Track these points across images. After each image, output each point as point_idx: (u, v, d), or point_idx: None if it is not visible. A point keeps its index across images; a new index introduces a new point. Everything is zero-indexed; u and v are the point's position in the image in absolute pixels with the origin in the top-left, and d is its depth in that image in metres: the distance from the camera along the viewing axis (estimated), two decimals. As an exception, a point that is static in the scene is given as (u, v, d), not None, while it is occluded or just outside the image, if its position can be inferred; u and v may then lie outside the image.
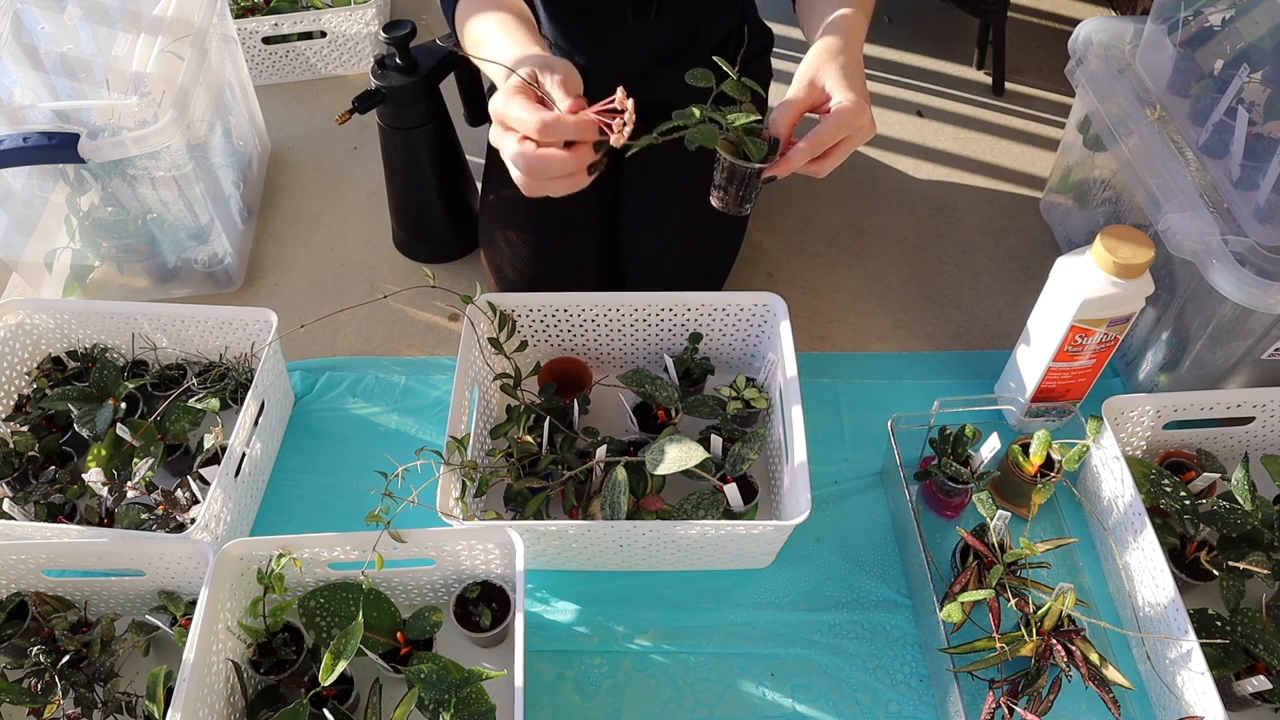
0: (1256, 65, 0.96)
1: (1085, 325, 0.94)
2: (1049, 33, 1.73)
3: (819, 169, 0.81)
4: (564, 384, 1.08)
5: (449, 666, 0.79)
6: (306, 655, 0.87)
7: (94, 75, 1.17)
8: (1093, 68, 1.13)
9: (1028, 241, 1.35)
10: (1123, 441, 1.02)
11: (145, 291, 1.29)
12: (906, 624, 0.95)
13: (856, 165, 1.47)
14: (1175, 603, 0.82)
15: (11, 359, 1.10)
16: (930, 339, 1.22)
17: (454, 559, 0.89)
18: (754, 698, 0.90)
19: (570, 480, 0.96)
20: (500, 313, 1.03)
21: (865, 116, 0.80)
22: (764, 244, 1.35)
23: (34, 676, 0.85)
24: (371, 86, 1.14)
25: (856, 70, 0.83)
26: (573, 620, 0.96)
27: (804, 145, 0.78)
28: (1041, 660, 0.81)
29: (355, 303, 1.27)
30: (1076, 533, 1.00)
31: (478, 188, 1.33)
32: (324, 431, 1.12)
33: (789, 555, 1.00)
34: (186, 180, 1.16)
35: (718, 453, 0.99)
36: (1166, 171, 0.98)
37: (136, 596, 0.93)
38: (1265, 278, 0.88)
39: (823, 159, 0.81)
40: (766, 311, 1.05)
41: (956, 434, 0.96)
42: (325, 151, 1.52)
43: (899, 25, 1.74)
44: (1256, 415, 1.00)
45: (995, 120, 1.55)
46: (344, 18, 1.57)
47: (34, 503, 0.97)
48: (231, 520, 0.97)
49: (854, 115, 0.79)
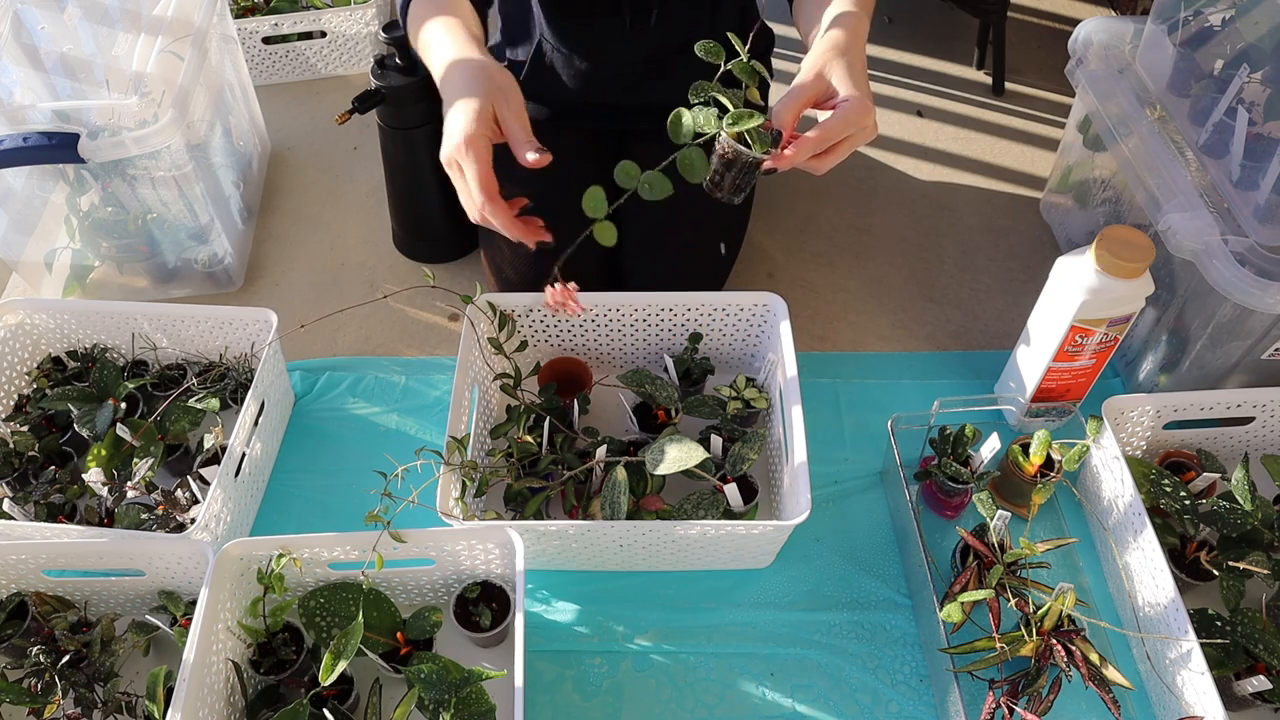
0: (1256, 65, 0.96)
1: (1085, 325, 0.94)
2: (1049, 33, 1.73)
3: (819, 165, 0.81)
4: (564, 384, 1.08)
5: (449, 666, 0.79)
6: (306, 655, 0.87)
7: (94, 75, 1.17)
8: (1093, 68, 1.13)
9: (1028, 241, 1.35)
10: (1123, 441, 1.02)
11: (145, 291, 1.29)
12: (906, 624, 0.95)
13: (856, 165, 1.47)
14: (1175, 603, 0.82)
15: (11, 359, 1.10)
16: (930, 339, 1.22)
17: (454, 559, 0.89)
18: (754, 698, 0.90)
19: (570, 480, 0.96)
20: (500, 313, 1.03)
21: (870, 117, 0.80)
22: (764, 244, 1.35)
23: (34, 676, 0.85)
24: (371, 86, 1.14)
25: (861, 69, 0.83)
26: (573, 620, 0.96)
27: (812, 137, 0.78)
28: (1041, 660, 0.81)
29: (355, 303, 1.27)
30: (1076, 533, 1.00)
31: None
32: (324, 431, 1.12)
33: (789, 555, 1.00)
34: (186, 180, 1.16)
35: (718, 453, 0.99)
36: (1166, 171, 0.98)
37: (136, 596, 0.93)
38: (1265, 278, 0.88)
39: (824, 155, 0.80)
40: (766, 311, 1.05)
41: (956, 434, 0.96)
42: (325, 151, 1.52)
43: (899, 25, 1.74)
44: (1256, 415, 1.00)
45: (995, 120, 1.55)
46: (344, 18, 1.57)
47: (34, 503, 0.97)
48: (231, 520, 0.97)
49: (860, 114, 0.79)
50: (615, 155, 1.19)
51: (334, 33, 1.59)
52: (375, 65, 1.15)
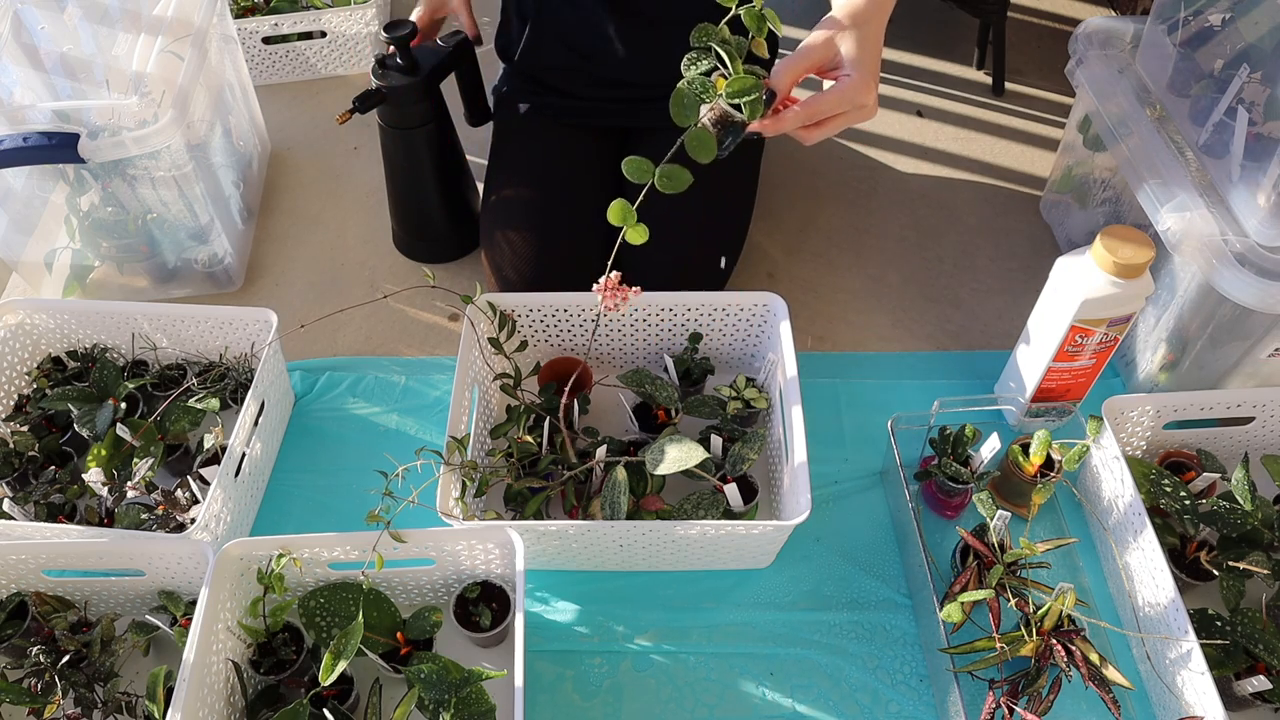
0: (1256, 65, 0.96)
1: (1085, 325, 0.94)
2: (1049, 33, 1.72)
3: (808, 136, 0.80)
4: (564, 384, 1.08)
5: (449, 666, 0.79)
6: (306, 655, 0.87)
7: (94, 75, 1.17)
8: (1093, 68, 1.13)
9: (1028, 241, 1.35)
10: (1123, 441, 1.02)
11: (145, 291, 1.28)
12: (906, 624, 0.95)
13: (856, 165, 1.47)
14: (1175, 603, 0.82)
15: (11, 359, 1.10)
16: (930, 339, 1.22)
17: (454, 559, 0.89)
18: (754, 698, 0.90)
19: (570, 480, 0.96)
20: (500, 313, 1.03)
21: (870, 96, 0.78)
22: (764, 244, 1.35)
23: (34, 676, 0.85)
24: (372, 86, 1.14)
25: (875, 45, 0.80)
26: (573, 620, 0.96)
27: (799, 110, 0.76)
28: (1041, 660, 0.81)
29: (355, 303, 1.27)
30: (1076, 533, 1.00)
31: (478, 188, 1.33)
32: (324, 431, 1.12)
33: (789, 555, 1.00)
34: (186, 180, 1.16)
35: (718, 453, 0.99)
36: (1166, 171, 0.98)
37: (136, 596, 0.93)
38: (1265, 278, 0.88)
39: (815, 127, 0.79)
40: (766, 311, 1.05)
41: (956, 434, 0.96)
42: (325, 151, 1.52)
43: (899, 25, 1.73)
44: (1256, 415, 1.00)
45: (995, 120, 1.55)
46: (344, 18, 1.57)
47: (34, 503, 0.97)
48: (231, 520, 0.97)
49: (859, 92, 0.77)
50: (616, 151, 1.19)
51: (334, 33, 1.59)
52: (376, 65, 1.15)
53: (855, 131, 1.53)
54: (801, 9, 1.74)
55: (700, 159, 0.74)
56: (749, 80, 0.73)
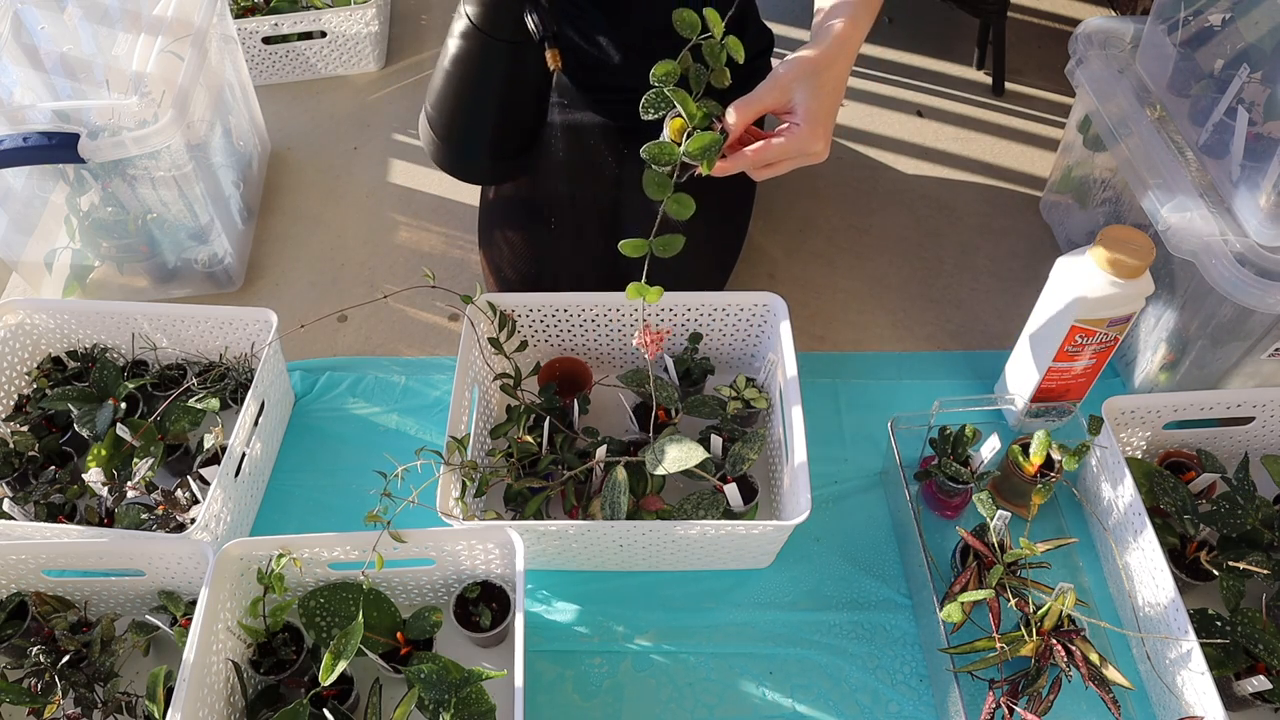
0: (1256, 65, 0.96)
1: (1085, 325, 0.94)
2: (1049, 33, 1.72)
3: (757, 175, 0.83)
4: (564, 384, 1.08)
5: (449, 666, 0.79)
6: (306, 655, 0.87)
7: (94, 75, 1.17)
8: (1093, 68, 1.13)
9: (1028, 241, 1.35)
10: (1123, 441, 1.02)
11: (145, 291, 1.29)
12: (906, 624, 0.95)
13: (857, 165, 1.47)
14: (1175, 603, 0.82)
15: (11, 359, 1.10)
16: (930, 339, 1.22)
17: (454, 559, 0.89)
18: (754, 698, 0.90)
19: (570, 480, 0.96)
20: (500, 313, 1.03)
21: (817, 144, 0.80)
22: (764, 244, 1.35)
23: (34, 676, 0.85)
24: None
25: (832, 93, 0.82)
26: (573, 620, 0.96)
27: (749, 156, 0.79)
28: (1041, 660, 0.81)
29: (355, 303, 1.27)
30: (1076, 533, 1.00)
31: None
32: (324, 431, 1.12)
33: (789, 555, 1.00)
34: (186, 180, 1.16)
35: (718, 453, 0.99)
36: (1166, 171, 0.98)
37: (136, 596, 0.93)
38: (1265, 278, 0.88)
39: (764, 168, 0.82)
40: (766, 311, 1.05)
41: (956, 434, 0.96)
42: (325, 151, 1.52)
43: (899, 25, 1.74)
44: (1256, 415, 1.00)
45: (995, 120, 1.55)
46: (344, 18, 1.57)
47: (34, 503, 0.97)
48: (231, 520, 0.97)
49: (806, 143, 0.80)
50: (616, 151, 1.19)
51: (334, 33, 1.59)
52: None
53: (855, 131, 1.53)
54: (801, 9, 1.74)
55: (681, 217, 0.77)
56: (707, 138, 0.76)
